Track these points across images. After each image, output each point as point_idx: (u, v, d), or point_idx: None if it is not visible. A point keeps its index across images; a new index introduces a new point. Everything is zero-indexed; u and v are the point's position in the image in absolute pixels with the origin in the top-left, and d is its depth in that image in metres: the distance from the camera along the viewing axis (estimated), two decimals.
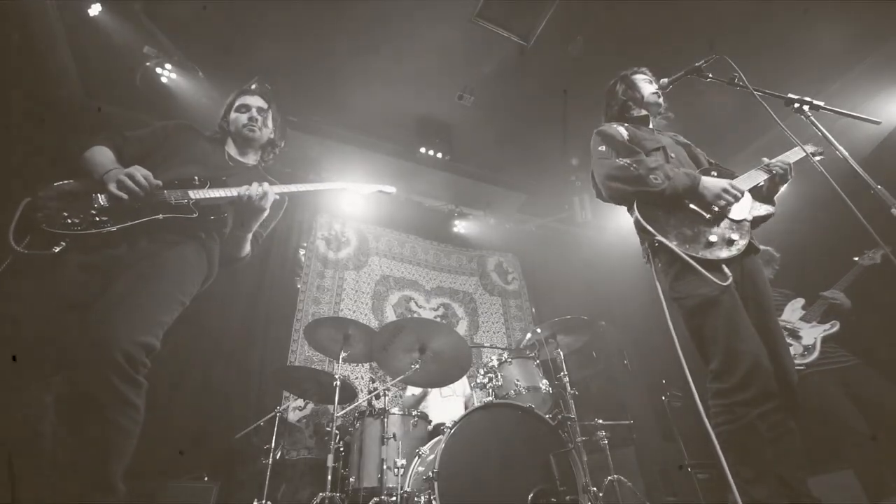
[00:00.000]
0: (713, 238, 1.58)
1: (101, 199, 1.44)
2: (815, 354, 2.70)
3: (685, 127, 2.15)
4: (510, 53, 3.95)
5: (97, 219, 1.41)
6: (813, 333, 2.79)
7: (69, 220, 1.37)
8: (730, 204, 1.63)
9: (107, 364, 1.22)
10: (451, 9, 3.62)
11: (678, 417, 3.47)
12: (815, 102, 1.53)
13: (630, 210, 1.73)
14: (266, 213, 1.74)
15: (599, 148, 1.85)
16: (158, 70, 3.74)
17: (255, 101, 1.97)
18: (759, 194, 1.79)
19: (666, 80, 1.99)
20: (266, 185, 1.68)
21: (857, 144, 3.27)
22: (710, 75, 1.81)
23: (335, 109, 4.43)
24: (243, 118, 1.92)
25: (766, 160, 1.83)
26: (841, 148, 1.39)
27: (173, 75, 3.78)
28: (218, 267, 1.72)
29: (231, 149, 1.94)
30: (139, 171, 1.47)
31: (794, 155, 1.85)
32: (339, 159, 4.87)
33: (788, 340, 2.79)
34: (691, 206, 1.66)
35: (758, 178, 1.79)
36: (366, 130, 4.69)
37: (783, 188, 1.81)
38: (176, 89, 3.84)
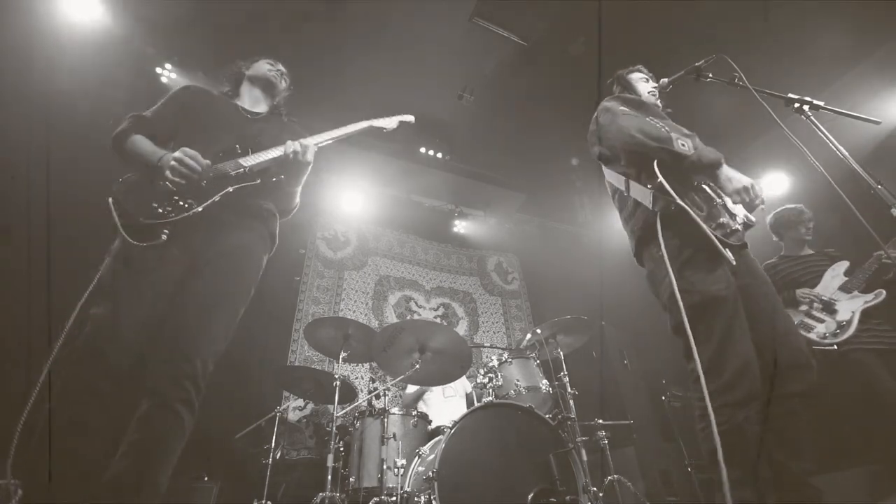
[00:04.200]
0: (724, 220, 1.56)
1: (168, 187, 1.46)
2: (851, 331, 2.37)
3: (685, 127, 2.15)
4: (510, 53, 3.96)
5: (181, 203, 1.44)
6: (850, 306, 2.44)
7: (160, 210, 1.41)
8: (746, 202, 1.58)
9: (185, 369, 1.30)
10: (450, 9, 3.62)
11: (678, 417, 3.47)
12: (815, 102, 1.53)
13: (640, 173, 1.65)
14: (311, 166, 1.77)
15: (622, 108, 1.76)
16: (158, 70, 3.75)
17: (278, 64, 2.13)
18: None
19: (666, 79, 1.99)
20: (305, 140, 1.73)
21: (857, 144, 3.27)
22: (710, 75, 1.81)
23: (335, 109, 4.42)
24: (269, 67, 2.05)
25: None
26: (841, 148, 1.39)
27: (173, 75, 3.79)
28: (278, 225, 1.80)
29: (245, 99, 1.99)
30: (186, 153, 1.48)
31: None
32: (340, 159, 4.87)
33: (821, 316, 2.51)
34: (705, 187, 1.61)
35: None
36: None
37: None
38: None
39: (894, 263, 2.35)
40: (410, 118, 2.19)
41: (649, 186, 1.61)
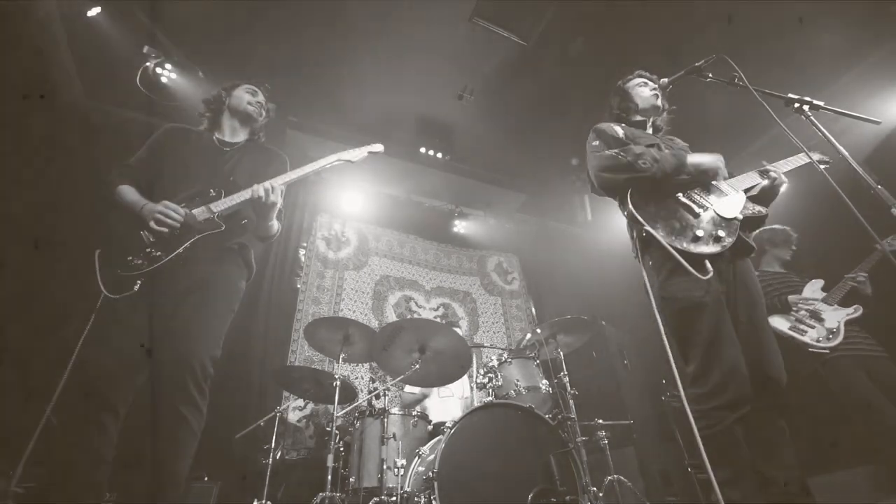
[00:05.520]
0: (700, 233, 1.59)
1: (148, 236, 1.66)
2: (840, 338, 2.58)
3: (685, 127, 2.15)
4: (510, 53, 3.95)
5: (153, 254, 1.65)
6: (836, 317, 2.68)
7: (135, 262, 1.61)
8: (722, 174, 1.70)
9: (186, 370, 1.52)
10: (450, 8, 3.62)
11: (678, 417, 3.47)
12: (815, 102, 1.53)
13: (622, 204, 1.74)
14: (280, 204, 1.88)
15: (593, 143, 1.89)
16: (158, 70, 3.75)
17: (261, 95, 2.20)
18: (756, 196, 1.79)
19: (666, 79, 2.00)
20: (270, 182, 1.83)
21: (857, 144, 3.27)
22: (710, 75, 1.81)
23: (335, 109, 4.44)
24: (250, 98, 2.13)
25: (765, 163, 1.83)
26: (841, 148, 1.39)
27: (173, 75, 3.78)
28: (255, 252, 1.96)
29: (225, 129, 2.10)
30: (169, 207, 1.68)
31: (796, 161, 1.87)
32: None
33: (811, 322, 2.70)
34: (684, 199, 1.68)
35: (753, 180, 1.81)
36: (366, 130, 4.68)
37: (781, 191, 1.82)
38: (176, 89, 3.84)
39: (864, 286, 2.70)
40: (379, 148, 2.29)
41: (626, 214, 1.72)
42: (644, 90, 2.05)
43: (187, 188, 1.79)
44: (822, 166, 1.74)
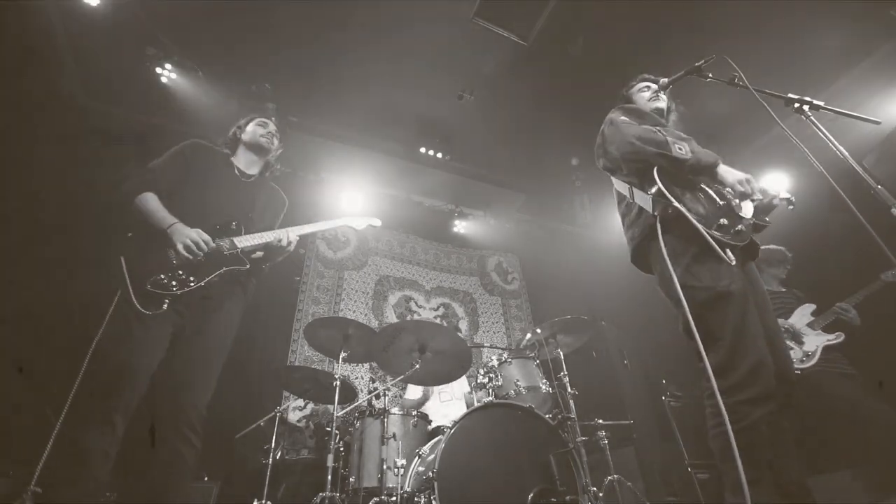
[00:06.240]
0: (724, 222, 1.57)
1: (173, 257, 1.71)
2: (814, 361, 2.70)
3: (685, 127, 2.15)
4: (510, 53, 3.95)
5: (183, 277, 1.71)
6: (816, 341, 2.78)
7: (165, 281, 1.67)
8: (747, 194, 1.63)
9: (185, 423, 1.64)
10: (450, 9, 3.62)
11: (678, 417, 3.47)
12: (815, 102, 1.52)
13: (643, 180, 1.69)
14: (288, 253, 2.04)
15: (622, 118, 1.84)
16: (158, 70, 3.75)
17: (272, 125, 2.30)
18: (758, 207, 1.80)
19: (666, 79, 1.99)
20: (293, 232, 2.01)
21: (857, 144, 3.27)
22: (710, 75, 1.80)
23: (336, 109, 4.43)
24: (262, 130, 2.24)
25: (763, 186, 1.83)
26: (841, 148, 1.39)
27: (173, 75, 3.78)
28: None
29: (240, 161, 2.20)
30: (200, 236, 1.75)
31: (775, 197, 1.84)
32: (340, 159, 4.87)
33: (790, 343, 2.77)
34: (707, 189, 1.66)
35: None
36: (366, 130, 4.69)
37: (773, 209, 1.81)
38: (176, 89, 3.84)
39: (850, 318, 2.79)
40: (377, 223, 2.65)
41: (650, 192, 1.66)
42: (646, 94, 2.05)
43: (213, 217, 1.88)
44: (789, 207, 1.75)
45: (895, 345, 2.95)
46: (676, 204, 1.53)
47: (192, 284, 1.70)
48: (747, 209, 1.69)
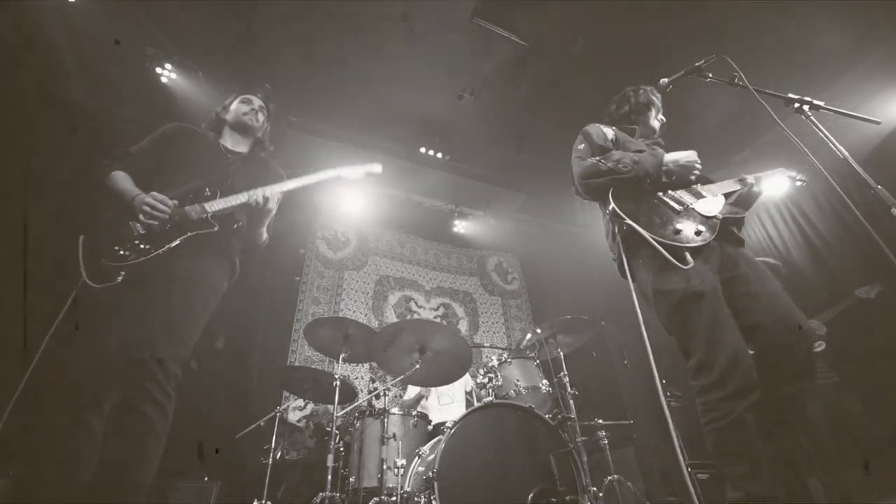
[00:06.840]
0: (680, 227, 1.64)
1: (138, 228, 1.63)
2: None
3: (686, 128, 2.15)
4: (510, 53, 3.95)
5: (141, 247, 1.61)
6: None
7: (122, 252, 1.58)
8: (697, 169, 1.77)
9: (143, 372, 1.42)
10: (450, 8, 3.62)
11: (677, 417, 3.46)
12: (815, 102, 1.52)
13: (604, 205, 1.80)
14: (273, 213, 1.91)
15: (578, 146, 1.96)
16: (158, 70, 3.75)
17: (256, 100, 2.20)
18: (734, 202, 1.85)
19: (665, 80, 1.99)
20: (268, 189, 1.86)
21: (857, 144, 3.27)
22: (710, 75, 1.81)
23: (335, 110, 4.43)
24: (245, 108, 2.14)
25: (744, 176, 1.90)
26: (841, 148, 1.39)
27: (173, 75, 3.78)
28: (240, 256, 1.93)
29: (227, 140, 2.12)
30: (157, 198, 1.65)
31: (773, 173, 1.92)
32: (340, 159, 4.85)
33: None
34: (664, 198, 1.74)
35: (731, 187, 1.88)
36: (366, 130, 4.69)
37: (758, 197, 1.88)
38: (176, 89, 3.84)
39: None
40: (378, 168, 2.41)
41: (607, 213, 1.77)
42: (654, 113, 2.10)
43: (183, 183, 1.78)
44: (798, 183, 1.83)
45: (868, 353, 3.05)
46: (629, 221, 1.65)
47: (149, 252, 1.60)
48: (712, 207, 1.74)
